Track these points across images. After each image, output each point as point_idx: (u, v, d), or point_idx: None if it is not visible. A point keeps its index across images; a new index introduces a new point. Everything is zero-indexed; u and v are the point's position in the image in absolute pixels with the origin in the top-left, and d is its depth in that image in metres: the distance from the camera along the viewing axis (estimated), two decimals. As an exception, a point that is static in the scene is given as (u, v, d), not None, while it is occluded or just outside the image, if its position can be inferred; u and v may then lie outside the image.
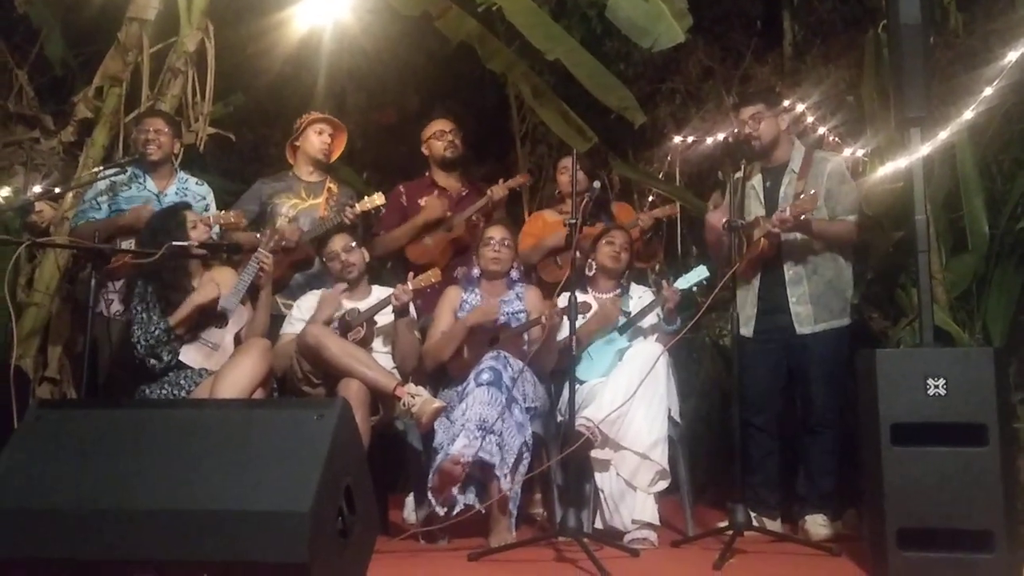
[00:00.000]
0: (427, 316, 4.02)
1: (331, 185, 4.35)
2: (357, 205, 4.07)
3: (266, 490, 2.17)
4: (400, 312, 3.75)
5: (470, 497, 3.40)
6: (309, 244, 4.11)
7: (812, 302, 3.71)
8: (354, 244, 3.93)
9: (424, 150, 4.52)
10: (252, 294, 3.82)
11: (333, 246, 3.92)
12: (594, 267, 3.96)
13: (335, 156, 4.47)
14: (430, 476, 3.39)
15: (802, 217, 3.56)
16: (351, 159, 6.47)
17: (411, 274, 3.79)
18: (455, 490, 3.36)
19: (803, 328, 3.71)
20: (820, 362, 3.71)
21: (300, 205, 4.27)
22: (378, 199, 4.11)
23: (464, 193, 4.45)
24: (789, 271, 3.75)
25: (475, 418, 3.39)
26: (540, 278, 4.35)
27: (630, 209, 4.72)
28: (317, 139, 4.34)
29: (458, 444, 3.33)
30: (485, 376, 3.51)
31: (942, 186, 3.84)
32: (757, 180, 3.81)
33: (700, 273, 3.76)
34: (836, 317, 3.73)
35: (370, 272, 4.08)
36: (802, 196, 3.58)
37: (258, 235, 3.98)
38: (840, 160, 3.89)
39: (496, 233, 3.98)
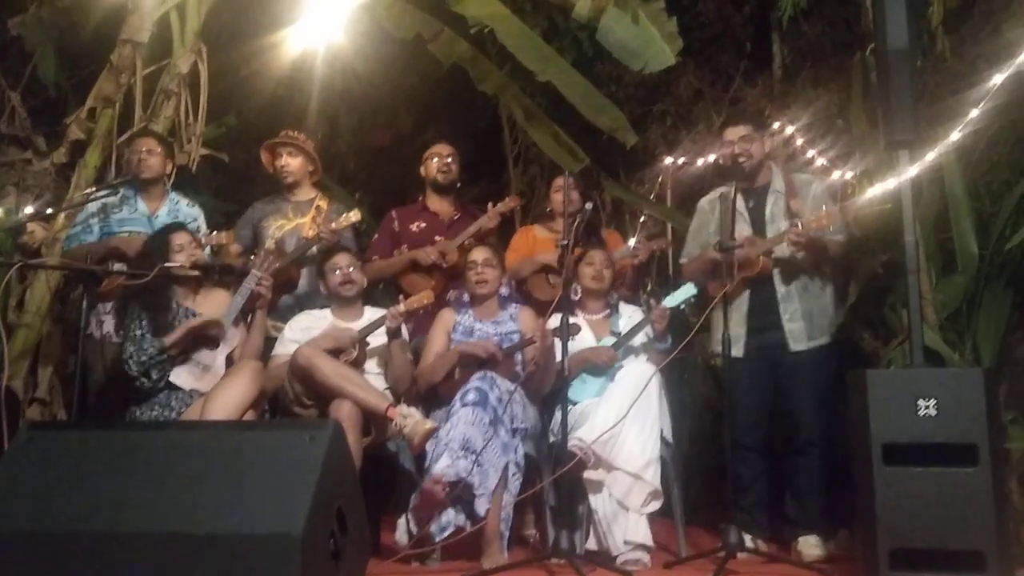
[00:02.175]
0: (420, 337, 4.02)
1: (320, 203, 4.31)
2: (333, 224, 4.07)
3: (257, 512, 2.16)
4: (393, 334, 3.75)
5: (460, 518, 3.40)
6: (292, 265, 4.10)
7: (804, 319, 3.77)
8: (358, 265, 3.93)
9: (421, 170, 4.53)
10: (246, 317, 3.81)
11: (338, 260, 3.91)
12: (579, 291, 3.95)
13: (315, 169, 4.40)
14: (413, 496, 3.39)
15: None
16: (344, 180, 6.50)
17: (400, 296, 3.80)
18: (449, 509, 3.36)
19: (797, 345, 3.76)
20: (809, 381, 3.75)
21: (286, 225, 4.26)
22: (354, 216, 4.11)
23: (456, 217, 4.45)
24: (781, 289, 3.79)
25: (458, 438, 3.38)
26: (530, 293, 4.35)
27: (619, 237, 4.73)
28: (277, 164, 4.33)
29: (440, 464, 3.33)
30: (470, 396, 3.51)
31: (931, 207, 3.86)
32: (739, 201, 3.83)
33: (688, 291, 3.78)
34: (824, 334, 3.80)
35: (363, 293, 4.08)
36: (815, 214, 3.66)
37: (251, 257, 3.96)
38: (820, 181, 3.97)
39: (478, 255, 3.99)
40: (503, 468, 3.43)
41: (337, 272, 3.88)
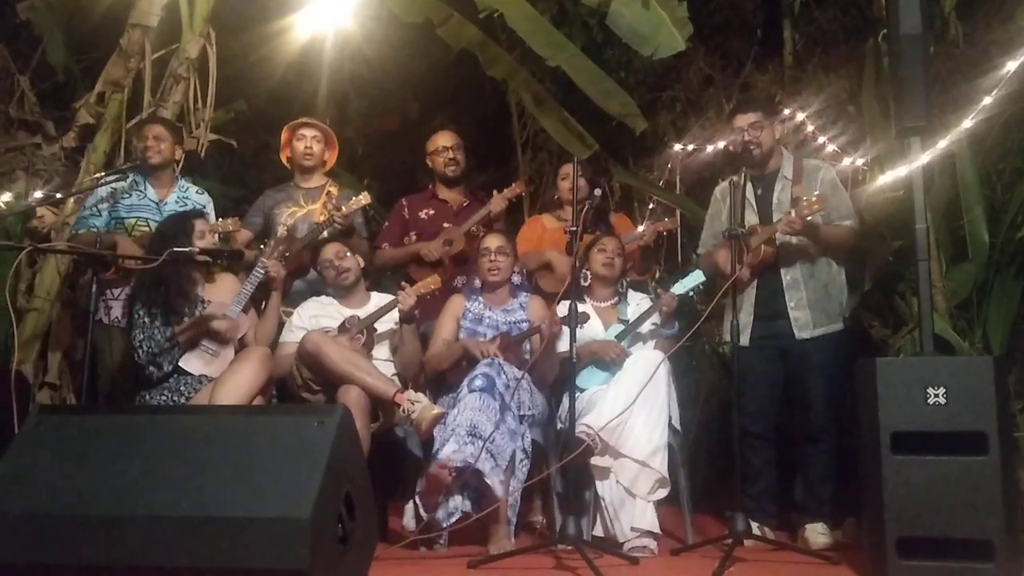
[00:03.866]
0: (428, 323, 4.02)
1: (331, 189, 4.32)
2: (344, 207, 4.07)
3: (266, 496, 2.17)
4: (407, 319, 3.74)
5: (466, 504, 3.41)
6: (305, 251, 4.10)
7: (810, 307, 3.75)
8: (348, 252, 3.93)
9: (428, 162, 4.54)
10: (256, 303, 3.82)
11: (325, 255, 3.92)
12: (589, 277, 3.96)
13: (330, 158, 4.44)
14: (419, 481, 3.40)
15: (809, 219, 3.60)
16: (352, 166, 6.49)
17: (403, 284, 3.80)
18: (456, 495, 3.37)
19: (802, 333, 3.74)
20: (819, 369, 3.73)
21: (298, 212, 4.28)
22: (364, 199, 4.12)
23: (465, 204, 4.46)
24: (786, 276, 3.78)
25: (465, 424, 3.39)
26: (537, 285, 4.35)
27: (628, 221, 4.72)
28: (298, 145, 4.34)
29: (447, 450, 3.34)
30: (478, 382, 3.51)
31: (942, 195, 3.84)
32: (748, 188, 3.81)
33: (696, 278, 3.77)
34: (833, 322, 3.78)
35: (371, 279, 4.08)
36: (805, 199, 3.63)
37: (262, 246, 3.98)
38: (831, 168, 3.94)
39: (492, 243, 3.98)
40: (511, 454, 3.44)
41: (327, 268, 3.89)
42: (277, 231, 4.21)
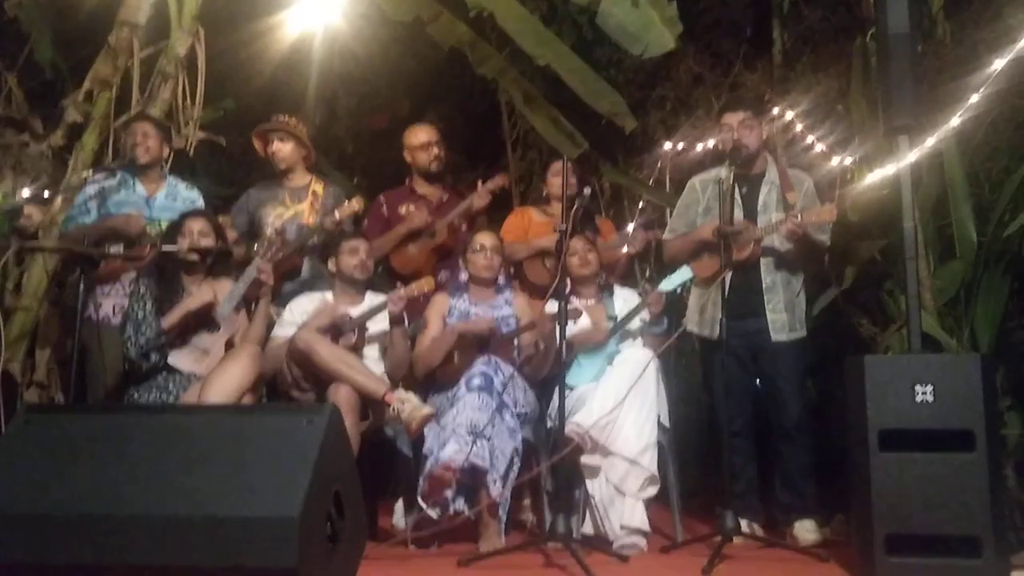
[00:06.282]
0: (416, 322, 4.01)
1: (315, 188, 4.28)
2: (337, 212, 4.05)
3: (255, 495, 2.17)
4: (396, 320, 3.74)
5: (459, 503, 3.41)
6: (296, 254, 4.08)
7: (786, 310, 3.80)
8: (370, 254, 3.94)
9: (407, 157, 4.49)
10: (248, 304, 3.80)
11: (357, 244, 3.90)
12: (568, 281, 3.93)
13: (303, 153, 4.33)
14: (421, 482, 3.40)
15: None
16: (342, 164, 6.48)
17: (398, 283, 3.79)
18: (448, 493, 3.37)
19: (778, 336, 3.78)
20: (792, 369, 3.79)
21: (285, 213, 4.24)
22: (356, 204, 4.08)
23: (444, 199, 4.43)
24: (767, 279, 3.81)
25: (466, 423, 3.39)
26: (525, 276, 4.34)
27: (612, 226, 4.72)
28: (268, 150, 4.31)
29: (449, 450, 3.34)
30: (476, 381, 3.51)
31: (930, 193, 3.86)
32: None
33: (684, 275, 3.76)
34: (802, 327, 3.84)
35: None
36: (815, 208, 3.70)
37: (255, 247, 3.95)
38: (809, 179, 3.97)
39: (488, 240, 3.98)
40: (511, 453, 3.44)
41: (354, 255, 3.87)
42: (265, 232, 4.18)
